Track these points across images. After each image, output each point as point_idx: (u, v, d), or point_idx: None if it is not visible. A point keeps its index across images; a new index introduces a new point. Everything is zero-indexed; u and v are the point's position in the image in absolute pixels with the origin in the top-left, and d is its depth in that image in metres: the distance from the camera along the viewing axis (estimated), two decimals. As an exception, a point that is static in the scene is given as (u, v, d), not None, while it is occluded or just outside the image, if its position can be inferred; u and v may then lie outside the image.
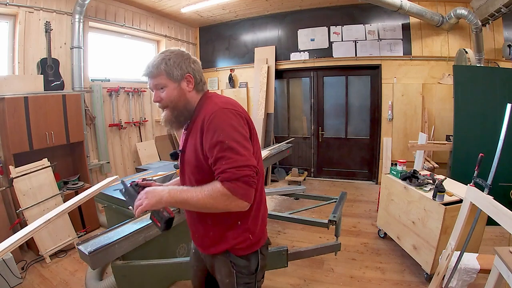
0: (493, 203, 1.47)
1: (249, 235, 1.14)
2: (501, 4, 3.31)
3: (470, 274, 1.83)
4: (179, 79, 1.12)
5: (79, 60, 3.71)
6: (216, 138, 0.99)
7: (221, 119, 1.02)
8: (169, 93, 1.14)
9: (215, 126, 1.01)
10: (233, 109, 1.06)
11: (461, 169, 3.19)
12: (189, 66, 1.14)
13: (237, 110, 1.07)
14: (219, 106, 1.06)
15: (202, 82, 1.20)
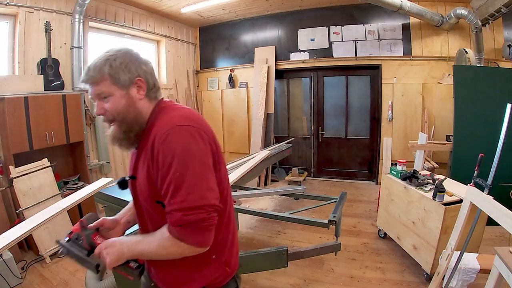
0: (493, 203, 1.47)
1: (225, 268, 0.97)
2: (501, 4, 3.31)
3: (470, 274, 1.83)
4: (127, 84, 0.88)
5: (79, 60, 3.71)
6: (167, 167, 0.78)
7: (174, 141, 0.79)
8: (115, 102, 0.88)
9: (166, 150, 0.79)
10: (192, 126, 0.83)
11: (461, 169, 3.19)
12: (139, 67, 0.91)
13: (197, 127, 0.84)
14: (174, 123, 0.82)
15: (155, 88, 0.96)
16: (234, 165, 3.29)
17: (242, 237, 3.25)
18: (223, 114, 5.98)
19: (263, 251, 1.88)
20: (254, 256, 1.88)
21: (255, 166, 3.25)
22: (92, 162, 3.93)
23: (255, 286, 2.38)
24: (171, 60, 5.52)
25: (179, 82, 5.70)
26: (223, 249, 0.97)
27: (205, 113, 6.18)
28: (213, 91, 6.05)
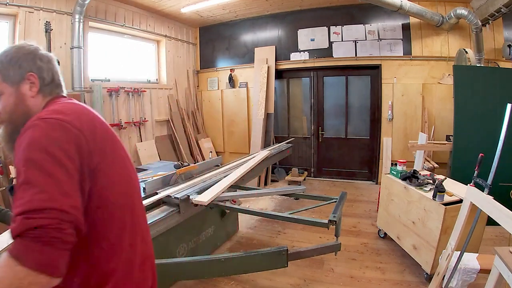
0: (493, 203, 1.47)
1: None
2: (501, 4, 3.31)
3: (470, 274, 1.82)
4: (17, 80, 0.80)
5: (79, 60, 3.71)
6: (16, 162, 0.66)
7: (31, 134, 0.67)
8: (5, 101, 0.81)
9: (20, 144, 0.67)
10: (56, 118, 0.70)
11: (461, 169, 3.19)
12: (33, 63, 0.82)
13: (62, 119, 0.70)
14: (39, 116, 0.71)
15: (53, 84, 0.86)
16: (234, 165, 3.29)
17: (242, 237, 3.25)
18: (223, 114, 5.98)
19: (263, 251, 1.88)
20: (254, 256, 1.88)
21: (255, 166, 3.25)
22: (92, 162, 3.93)
23: (255, 286, 2.38)
24: (171, 60, 5.52)
25: (179, 82, 5.70)
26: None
27: (205, 113, 6.19)
28: (213, 91, 6.05)
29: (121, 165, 0.82)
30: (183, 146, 5.36)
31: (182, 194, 2.22)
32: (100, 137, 0.76)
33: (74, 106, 0.81)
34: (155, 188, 2.36)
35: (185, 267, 1.92)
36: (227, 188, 2.50)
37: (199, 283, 2.39)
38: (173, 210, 2.12)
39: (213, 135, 6.13)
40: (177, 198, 2.15)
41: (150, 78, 5.31)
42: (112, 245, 0.75)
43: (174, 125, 5.37)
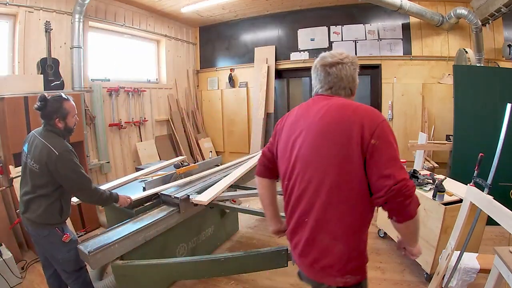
0: (493, 203, 1.47)
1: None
2: (501, 4, 3.31)
3: (470, 274, 1.83)
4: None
5: (79, 60, 3.71)
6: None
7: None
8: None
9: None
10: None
11: (461, 169, 3.19)
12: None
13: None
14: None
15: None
16: (234, 164, 3.29)
17: (242, 236, 3.25)
18: (223, 114, 5.98)
19: (263, 251, 1.88)
20: (254, 256, 1.88)
21: (255, 165, 3.25)
22: (92, 162, 3.93)
23: (255, 285, 2.38)
24: (171, 60, 5.51)
25: (179, 82, 5.70)
26: None
27: (205, 113, 6.18)
28: (213, 90, 6.05)
29: None
30: (183, 146, 5.36)
31: (182, 193, 2.22)
32: None
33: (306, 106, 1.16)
34: (155, 188, 2.36)
35: (185, 267, 1.92)
36: (227, 188, 2.50)
37: (199, 283, 2.39)
38: (173, 210, 2.13)
39: (213, 135, 6.13)
40: (177, 198, 2.15)
41: (150, 78, 5.31)
42: None
43: (174, 125, 5.37)
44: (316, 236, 1.02)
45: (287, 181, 1.15)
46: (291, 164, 1.10)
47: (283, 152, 1.15)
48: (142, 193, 2.26)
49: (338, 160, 0.98)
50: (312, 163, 1.03)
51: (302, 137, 1.07)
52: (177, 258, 2.26)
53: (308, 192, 1.03)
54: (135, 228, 1.84)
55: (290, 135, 1.13)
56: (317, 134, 1.03)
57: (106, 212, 2.64)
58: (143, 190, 2.28)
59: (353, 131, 0.96)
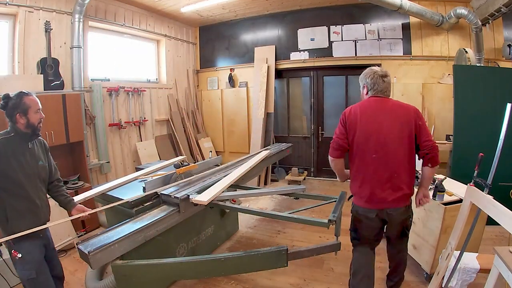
0: (493, 203, 1.47)
1: None
2: (501, 4, 3.31)
3: (470, 273, 1.83)
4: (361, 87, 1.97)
5: (79, 60, 3.71)
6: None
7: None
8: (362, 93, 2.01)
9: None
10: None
11: (461, 168, 3.19)
12: (365, 79, 1.92)
13: None
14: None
15: (373, 90, 1.90)
16: (234, 164, 3.29)
17: (242, 236, 3.25)
18: (223, 113, 5.98)
19: (263, 251, 1.88)
20: (254, 256, 1.88)
21: (255, 165, 3.25)
22: (92, 162, 3.93)
23: (255, 285, 2.38)
24: (171, 60, 5.51)
25: (179, 82, 5.70)
26: None
27: (205, 113, 6.19)
28: (213, 90, 6.05)
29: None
30: (183, 145, 5.36)
31: (182, 193, 2.22)
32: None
33: (368, 103, 1.89)
34: (155, 188, 2.36)
35: (185, 266, 1.92)
36: (227, 188, 2.50)
37: (199, 283, 2.39)
38: (173, 210, 2.12)
39: (213, 135, 6.13)
40: (177, 198, 2.15)
41: (150, 78, 5.31)
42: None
43: (174, 125, 5.37)
44: (399, 184, 1.77)
45: (379, 151, 1.77)
46: (380, 141, 1.76)
47: (368, 137, 1.78)
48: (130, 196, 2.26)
49: (409, 136, 1.75)
50: (393, 139, 1.75)
51: (387, 126, 1.77)
52: (177, 258, 2.26)
53: (391, 156, 1.76)
54: (135, 228, 1.84)
55: (376, 125, 1.79)
56: (396, 122, 1.77)
57: (106, 212, 2.64)
58: (143, 190, 2.28)
59: (411, 118, 1.76)
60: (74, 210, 1.83)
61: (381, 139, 1.75)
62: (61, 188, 1.88)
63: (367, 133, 1.79)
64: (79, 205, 1.86)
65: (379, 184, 1.78)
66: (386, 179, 1.76)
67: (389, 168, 1.76)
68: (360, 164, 1.83)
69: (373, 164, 1.79)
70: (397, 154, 1.74)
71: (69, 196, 1.91)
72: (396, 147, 1.74)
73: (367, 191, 1.81)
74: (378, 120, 1.79)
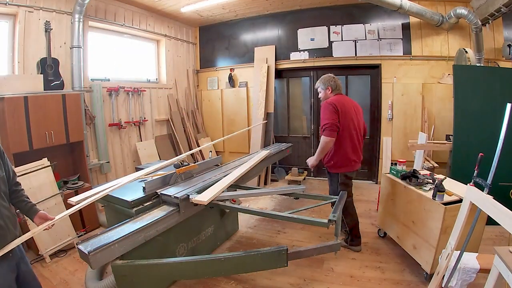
0: (493, 203, 1.47)
1: None
2: (501, 4, 3.31)
3: (470, 273, 1.83)
4: (324, 88, 2.76)
5: (79, 60, 3.71)
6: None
7: (326, 105, 2.60)
8: (322, 94, 2.83)
9: (323, 106, 2.63)
10: (331, 102, 2.58)
11: (461, 168, 3.19)
12: (329, 82, 2.72)
13: (333, 103, 2.57)
14: (328, 101, 2.62)
15: (336, 90, 2.75)
16: (233, 164, 3.29)
17: (242, 236, 3.25)
18: (223, 113, 5.98)
19: (263, 251, 1.88)
20: (254, 256, 1.88)
21: (255, 165, 3.25)
22: (92, 162, 3.93)
23: (255, 285, 2.38)
24: (171, 60, 5.51)
25: (179, 82, 5.70)
26: None
27: (205, 113, 6.19)
28: (213, 90, 6.05)
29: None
30: (183, 145, 5.36)
31: (182, 193, 2.22)
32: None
33: (339, 98, 2.62)
34: (155, 188, 2.36)
35: (185, 266, 1.92)
36: (227, 188, 2.50)
37: (199, 283, 2.39)
38: (173, 210, 2.13)
39: (213, 135, 6.13)
40: (176, 198, 2.15)
41: (150, 78, 5.31)
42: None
43: (174, 125, 5.37)
44: (360, 153, 2.74)
45: (354, 131, 2.62)
46: (354, 125, 2.61)
47: (349, 121, 2.57)
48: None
49: (362, 122, 2.73)
50: (358, 123, 2.66)
51: (354, 114, 2.64)
52: (177, 258, 2.26)
53: (358, 135, 2.68)
54: (135, 228, 1.84)
55: (351, 113, 2.60)
56: (358, 113, 2.69)
57: (106, 211, 2.64)
58: (143, 190, 2.28)
59: (360, 109, 2.75)
60: (37, 218, 1.61)
61: (355, 122, 2.61)
62: (20, 193, 1.65)
63: (349, 118, 2.56)
64: (42, 212, 1.63)
65: (357, 153, 2.68)
66: (359, 150, 2.70)
67: (359, 143, 2.68)
68: (346, 140, 2.58)
69: (352, 139, 2.61)
70: (360, 133, 2.71)
71: (30, 202, 1.68)
72: (360, 128, 2.69)
73: (352, 157, 2.64)
74: (350, 110, 2.61)
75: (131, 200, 2.13)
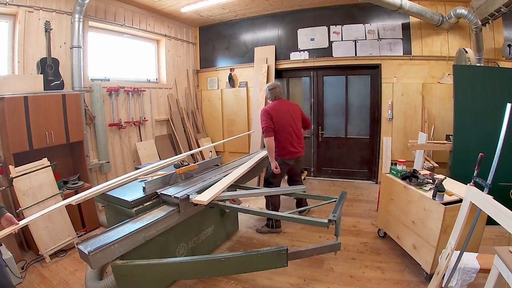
0: (493, 203, 1.47)
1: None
2: (501, 4, 3.30)
3: (470, 273, 1.83)
4: (269, 98, 3.44)
5: (79, 60, 3.71)
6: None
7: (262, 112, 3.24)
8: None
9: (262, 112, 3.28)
10: (266, 109, 3.24)
11: (461, 168, 3.19)
12: (270, 92, 3.37)
13: (268, 109, 3.30)
14: (265, 108, 3.30)
15: (273, 96, 3.23)
16: (233, 164, 3.29)
17: (242, 236, 3.25)
18: (223, 113, 5.98)
19: (263, 251, 1.88)
20: (254, 256, 1.88)
21: (255, 165, 3.25)
22: (92, 162, 3.93)
23: (255, 285, 2.38)
24: (171, 60, 5.51)
25: (179, 82, 5.70)
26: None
27: (205, 113, 6.19)
28: (213, 90, 6.05)
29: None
30: (183, 145, 5.36)
31: (182, 193, 2.22)
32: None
33: (276, 103, 3.33)
34: (155, 188, 2.36)
35: (185, 266, 1.92)
36: (227, 188, 2.50)
37: (199, 283, 2.39)
38: (173, 210, 2.13)
39: (213, 135, 6.13)
40: (176, 198, 2.15)
41: (150, 78, 5.31)
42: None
43: (174, 125, 5.37)
44: (301, 143, 3.40)
45: (290, 127, 3.22)
46: (289, 122, 3.23)
47: (283, 121, 3.19)
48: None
49: (298, 119, 3.39)
50: (293, 120, 3.29)
51: (289, 114, 3.27)
52: (177, 258, 2.26)
53: (295, 130, 3.29)
54: (135, 228, 1.84)
55: (285, 114, 3.24)
56: (292, 112, 3.34)
57: (106, 211, 2.63)
58: (143, 190, 2.28)
59: (297, 109, 3.46)
60: (3, 220, 1.62)
61: (290, 121, 3.24)
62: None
63: (282, 118, 3.21)
64: (8, 215, 1.63)
65: (293, 144, 3.27)
66: (297, 141, 3.32)
67: (297, 136, 3.31)
68: (283, 135, 3.20)
69: (289, 134, 3.23)
70: (296, 128, 3.31)
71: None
72: (295, 124, 3.30)
73: (290, 149, 3.25)
74: (284, 111, 3.26)
75: (131, 200, 2.13)
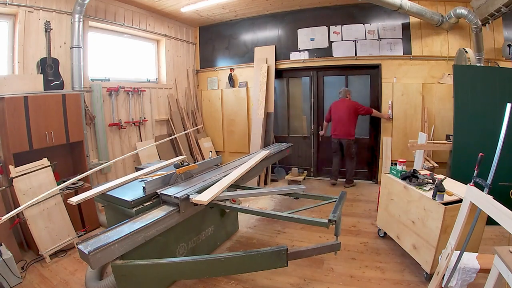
0: (493, 203, 1.47)
1: None
2: (501, 4, 3.30)
3: (470, 273, 1.83)
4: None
5: (79, 60, 3.71)
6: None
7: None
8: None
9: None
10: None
11: (461, 168, 3.19)
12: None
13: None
14: None
15: None
16: (233, 164, 3.29)
17: (242, 236, 3.25)
18: (223, 113, 5.98)
19: (263, 251, 1.88)
20: (254, 256, 1.88)
21: (255, 165, 3.25)
22: (92, 162, 3.93)
23: (255, 285, 2.38)
24: (171, 60, 5.51)
25: (179, 82, 5.70)
26: None
27: (205, 113, 6.18)
28: (213, 90, 6.05)
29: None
30: (183, 145, 5.36)
31: (182, 193, 2.22)
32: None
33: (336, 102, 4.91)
34: (155, 188, 2.36)
35: (185, 266, 1.92)
36: (227, 188, 2.50)
37: (199, 283, 2.39)
38: (173, 210, 2.13)
39: (213, 135, 6.13)
40: (176, 198, 2.15)
41: (150, 78, 5.31)
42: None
43: (174, 125, 5.37)
44: (344, 128, 4.72)
45: (338, 116, 4.76)
46: (338, 115, 4.75)
47: (336, 113, 4.76)
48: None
49: (349, 114, 4.68)
50: (344, 114, 4.72)
51: (342, 108, 4.73)
52: (177, 258, 2.26)
53: (343, 119, 4.71)
54: (135, 228, 1.84)
55: (339, 109, 4.74)
56: (345, 107, 4.70)
57: (106, 211, 2.64)
58: (143, 190, 2.28)
59: (351, 106, 4.68)
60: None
61: (339, 114, 4.64)
62: None
63: (337, 112, 4.68)
64: None
65: (336, 128, 4.67)
66: (339, 127, 4.67)
67: (340, 123, 4.66)
68: (333, 122, 4.67)
69: (336, 122, 4.71)
70: (346, 117, 4.59)
71: None
72: (345, 115, 4.59)
73: (333, 132, 4.67)
74: (339, 107, 4.66)
75: (131, 200, 2.13)
